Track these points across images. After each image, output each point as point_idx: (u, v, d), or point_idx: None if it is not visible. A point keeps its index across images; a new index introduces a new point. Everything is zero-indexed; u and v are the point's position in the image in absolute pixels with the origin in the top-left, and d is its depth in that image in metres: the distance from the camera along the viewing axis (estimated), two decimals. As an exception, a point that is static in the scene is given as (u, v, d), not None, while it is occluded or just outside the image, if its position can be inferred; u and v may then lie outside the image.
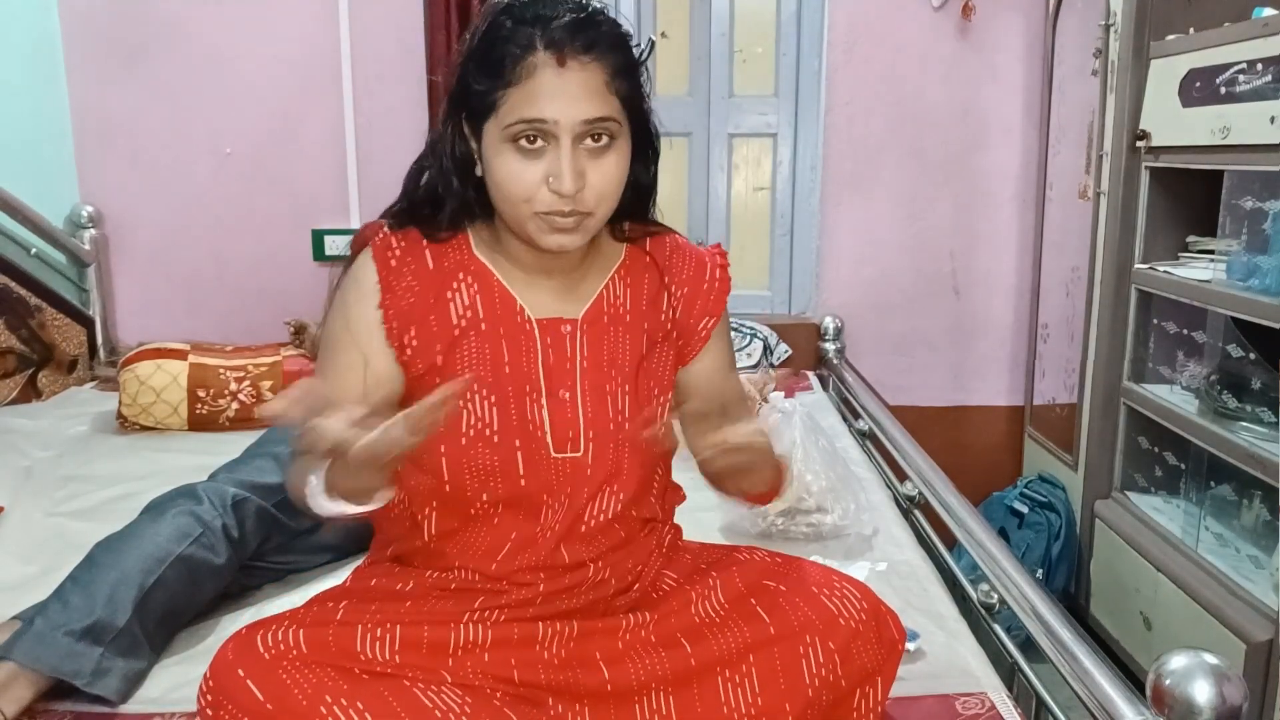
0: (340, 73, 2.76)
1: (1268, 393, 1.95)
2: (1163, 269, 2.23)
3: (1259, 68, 1.87)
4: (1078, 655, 1.20)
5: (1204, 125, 2.03)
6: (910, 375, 3.00)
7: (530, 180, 0.97)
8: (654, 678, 1.03)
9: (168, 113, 2.76)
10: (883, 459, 2.19)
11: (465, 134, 1.03)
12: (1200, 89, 2.05)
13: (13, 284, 2.52)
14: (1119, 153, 2.32)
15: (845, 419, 2.47)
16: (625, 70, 1.00)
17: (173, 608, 1.35)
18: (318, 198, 2.82)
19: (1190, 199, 2.26)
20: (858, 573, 1.48)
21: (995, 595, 1.48)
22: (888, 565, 1.61)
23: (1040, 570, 2.52)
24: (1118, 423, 2.42)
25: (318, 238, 2.82)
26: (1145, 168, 2.28)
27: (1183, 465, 2.28)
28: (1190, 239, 2.27)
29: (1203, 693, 0.97)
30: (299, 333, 2.51)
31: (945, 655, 1.36)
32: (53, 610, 1.25)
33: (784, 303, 3.06)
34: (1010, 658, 1.42)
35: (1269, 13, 1.90)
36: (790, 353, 2.82)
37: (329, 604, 1.06)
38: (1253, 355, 2.00)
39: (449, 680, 0.98)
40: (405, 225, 1.09)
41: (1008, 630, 1.47)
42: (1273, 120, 1.80)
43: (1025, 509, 2.64)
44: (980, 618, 1.51)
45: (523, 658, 1.02)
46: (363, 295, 1.06)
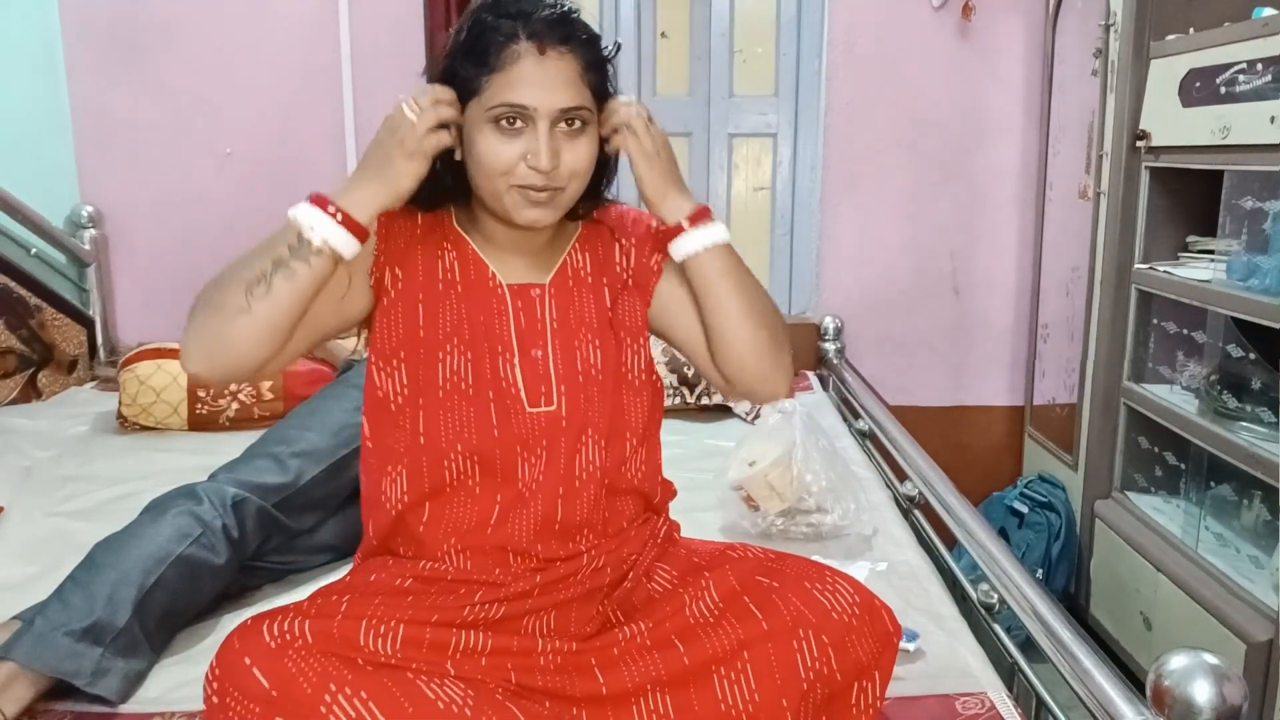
0: (340, 73, 2.76)
1: (1268, 393, 1.95)
2: (1163, 269, 2.23)
3: (1259, 68, 1.87)
4: (1078, 655, 1.20)
5: (1204, 125, 2.03)
6: (910, 375, 3.00)
7: (509, 157, 1.05)
8: (649, 679, 1.03)
9: (168, 113, 2.76)
10: (883, 459, 2.19)
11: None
12: (1200, 89, 2.05)
13: (13, 284, 2.52)
14: (1119, 153, 2.32)
15: (845, 419, 2.47)
16: (596, 65, 1.09)
17: (173, 608, 1.35)
18: (318, 198, 2.81)
19: (1190, 199, 2.26)
20: (858, 572, 1.48)
21: (995, 595, 1.48)
22: (888, 565, 1.61)
23: (1040, 570, 2.52)
24: (1118, 423, 2.42)
25: (318, 238, 2.82)
26: (1145, 168, 2.28)
27: (1183, 465, 2.28)
28: (1190, 239, 2.27)
29: (1203, 693, 0.97)
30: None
31: (945, 655, 1.36)
32: (53, 610, 1.25)
33: (784, 303, 3.06)
34: (1010, 658, 1.42)
35: (1269, 13, 1.90)
36: (790, 352, 2.81)
37: (333, 597, 1.06)
38: (1253, 355, 2.00)
39: (451, 673, 0.99)
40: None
41: (1008, 630, 1.47)
42: (1273, 120, 1.80)
43: (1025, 509, 2.64)
44: (980, 618, 1.51)
45: (520, 664, 1.03)
46: None
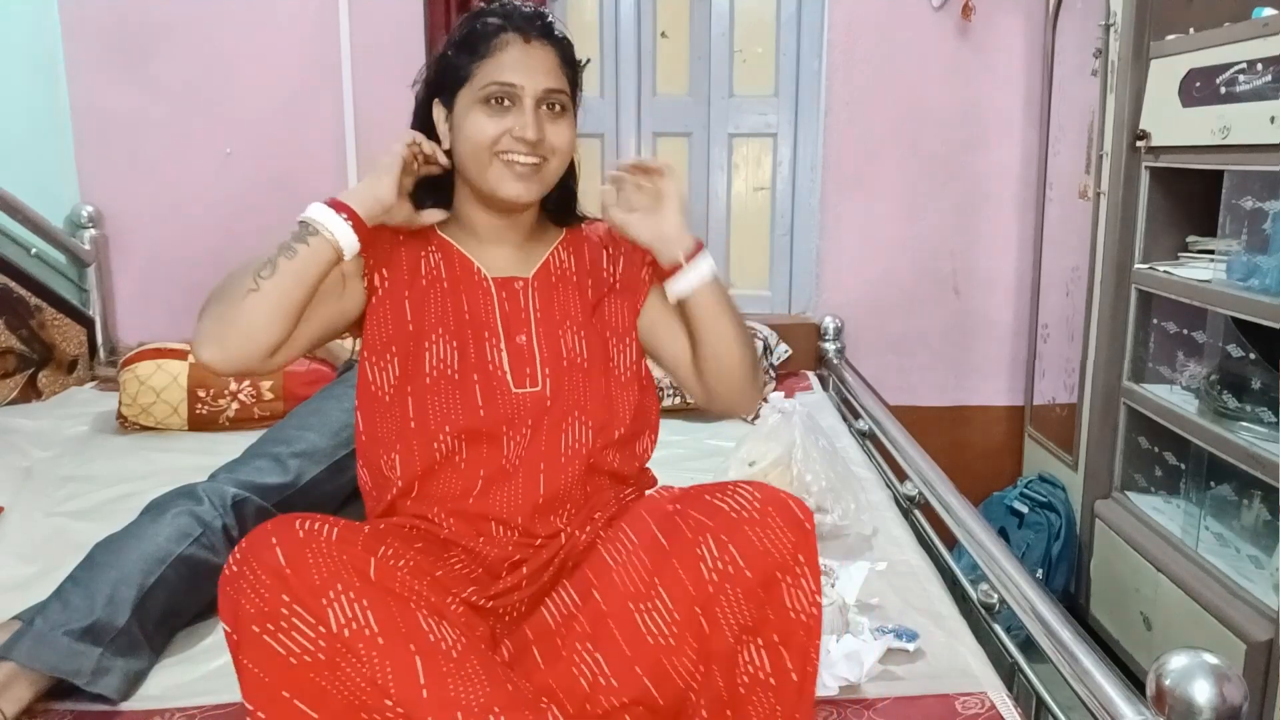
0: (340, 73, 2.76)
1: (1268, 393, 1.95)
2: (1163, 269, 2.23)
3: (1259, 68, 1.87)
4: (1078, 655, 1.20)
5: (1204, 125, 2.03)
6: (910, 375, 3.00)
7: (496, 131, 1.16)
8: (576, 636, 1.05)
9: (168, 113, 2.76)
10: (883, 459, 2.19)
11: (433, 116, 1.22)
12: (1200, 89, 2.05)
13: (13, 284, 2.52)
14: (1119, 153, 2.32)
15: (845, 419, 2.47)
16: (571, 63, 1.22)
17: (173, 608, 1.35)
18: (318, 198, 2.79)
19: (1190, 199, 2.26)
20: (858, 573, 1.47)
21: (995, 595, 1.48)
22: (888, 565, 1.61)
23: (1040, 570, 2.52)
24: (1118, 423, 2.42)
25: (318, 238, 2.82)
26: (1145, 168, 2.28)
27: (1183, 465, 2.28)
28: (1190, 239, 2.27)
29: (1203, 693, 0.97)
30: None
31: (945, 655, 1.36)
32: (53, 610, 1.25)
33: (784, 303, 3.06)
34: (1010, 658, 1.42)
35: (1269, 13, 1.90)
36: (790, 353, 2.82)
37: (358, 525, 1.09)
38: (1253, 355, 2.00)
39: (449, 614, 1.03)
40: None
41: (1008, 630, 1.47)
42: (1273, 120, 1.80)
43: (1025, 509, 2.64)
44: (980, 618, 1.51)
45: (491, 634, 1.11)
46: None
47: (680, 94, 2.98)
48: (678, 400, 2.45)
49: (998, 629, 1.48)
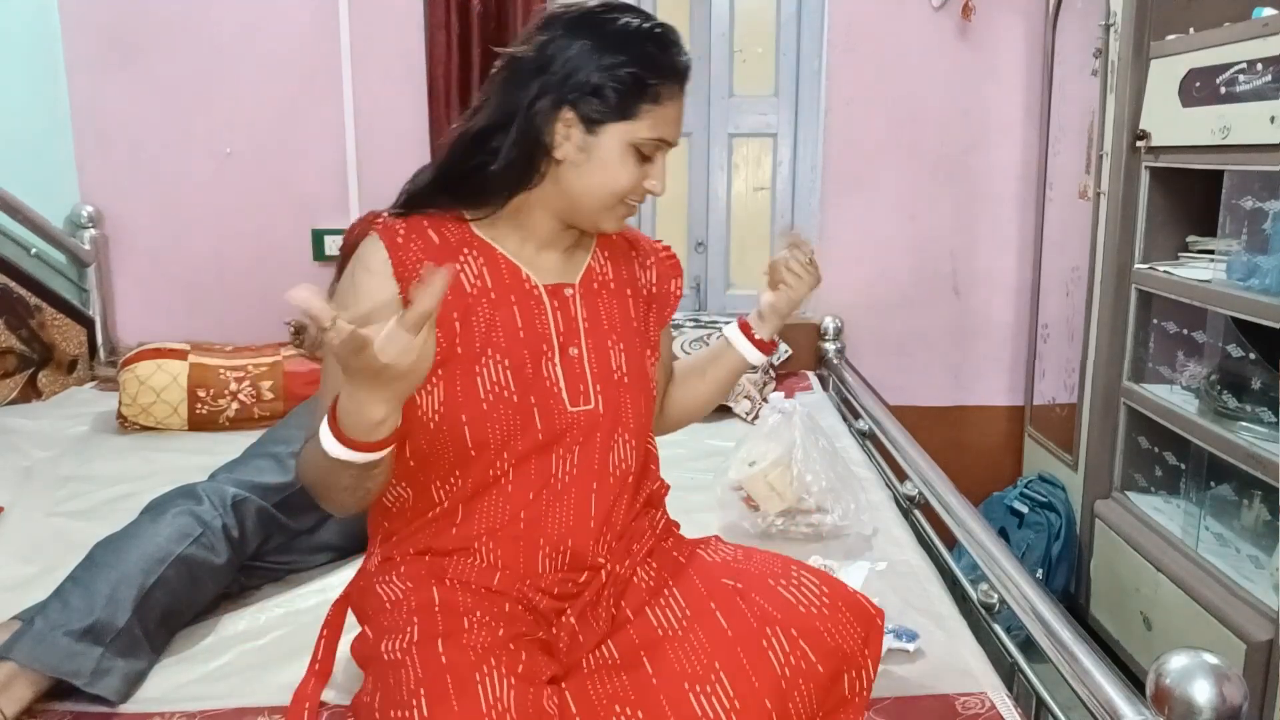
0: (340, 73, 2.76)
1: (1268, 393, 1.95)
2: (1163, 269, 2.23)
3: (1259, 68, 1.87)
4: (1078, 655, 1.20)
5: (1204, 125, 2.03)
6: (910, 375, 3.00)
7: (636, 181, 1.13)
8: (618, 699, 1.03)
9: (168, 113, 2.76)
10: (883, 459, 2.19)
11: (550, 118, 1.09)
12: (1200, 89, 2.05)
13: (13, 284, 2.52)
14: (1119, 153, 2.32)
15: (845, 419, 2.47)
16: None
17: (173, 608, 1.35)
18: (318, 198, 2.82)
19: (1190, 199, 2.26)
20: (858, 572, 1.48)
21: (995, 595, 1.48)
22: (888, 565, 1.61)
23: (1040, 570, 2.52)
24: (1118, 423, 2.42)
25: (318, 238, 2.82)
26: (1145, 168, 2.28)
27: (1183, 465, 2.28)
28: (1190, 239, 2.27)
29: (1203, 693, 0.97)
30: (299, 333, 2.51)
31: (945, 655, 1.36)
32: (53, 610, 1.25)
33: (784, 303, 3.05)
34: (1010, 658, 1.42)
35: (1269, 13, 1.90)
36: (790, 353, 2.82)
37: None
38: (1253, 355, 2.00)
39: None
40: (426, 200, 1.15)
41: (1008, 630, 1.47)
42: (1273, 120, 1.80)
43: (1025, 509, 2.64)
44: (980, 618, 1.51)
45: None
46: (372, 274, 1.10)
47: (680, 94, 2.97)
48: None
49: (998, 629, 1.48)
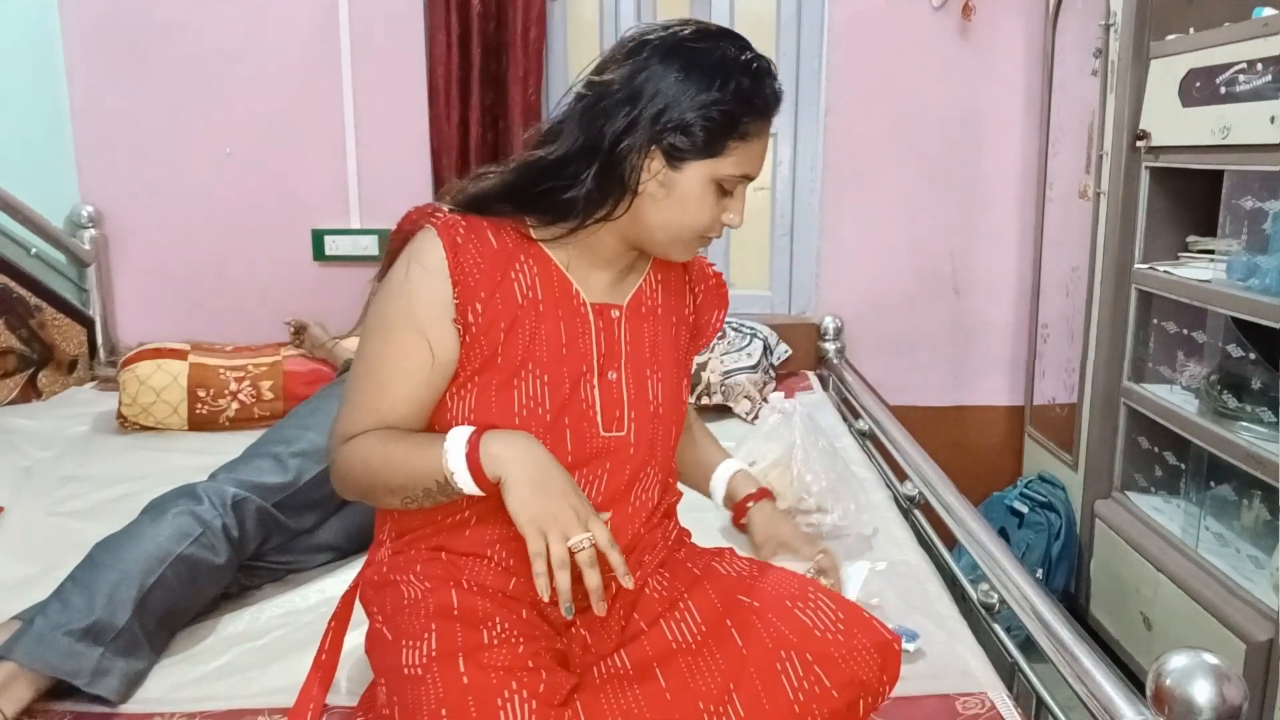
0: (340, 73, 2.76)
1: (1268, 393, 1.95)
2: (1163, 269, 2.23)
3: (1259, 68, 1.87)
4: (1078, 655, 1.20)
5: (1204, 125, 2.03)
6: (910, 375, 3.00)
7: (717, 215, 1.10)
8: (630, 715, 1.03)
9: (168, 112, 2.76)
10: (883, 459, 2.19)
11: (638, 154, 1.05)
12: (1200, 89, 2.05)
13: (13, 284, 2.52)
14: (1119, 152, 2.32)
15: (845, 419, 2.47)
16: None
17: (173, 608, 1.35)
18: (318, 198, 2.82)
19: (1190, 199, 2.26)
20: (858, 572, 1.47)
21: (995, 595, 1.48)
22: (888, 565, 1.60)
23: (1040, 570, 2.52)
24: (1118, 423, 2.42)
25: (318, 238, 2.82)
26: (1145, 167, 2.28)
27: (1183, 465, 2.28)
28: (1190, 239, 2.27)
29: (1203, 693, 0.97)
30: (299, 333, 2.51)
31: (945, 655, 1.36)
32: (53, 610, 1.25)
33: (784, 303, 3.06)
34: (1010, 658, 1.42)
35: (1269, 13, 1.90)
36: (790, 353, 2.82)
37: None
38: (1253, 355, 2.00)
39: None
40: (486, 204, 1.12)
41: (1008, 630, 1.47)
42: (1273, 120, 1.80)
43: (1025, 509, 2.64)
44: (980, 618, 1.51)
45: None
46: (428, 272, 1.07)
47: (680, 94, 2.97)
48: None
49: (998, 629, 1.48)
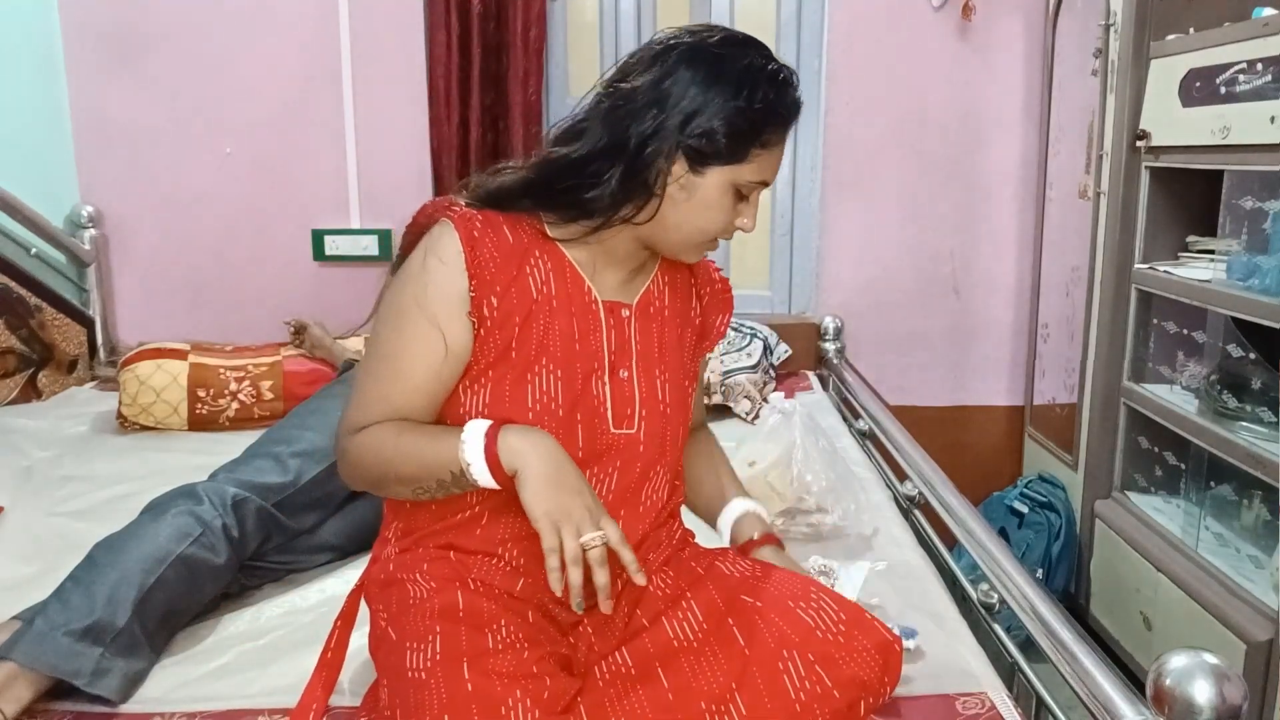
0: (340, 73, 2.76)
1: (1268, 393, 1.95)
2: (1163, 269, 2.23)
3: (1259, 68, 1.87)
4: (1078, 655, 1.20)
5: (1204, 125, 2.03)
6: (910, 375, 3.00)
7: (730, 219, 1.12)
8: (633, 717, 1.03)
9: (168, 113, 2.76)
10: (883, 459, 2.19)
11: (664, 160, 1.06)
12: (1200, 89, 2.05)
13: (13, 284, 2.52)
14: (1119, 152, 2.32)
15: (845, 419, 2.47)
16: None
17: (173, 608, 1.34)
18: (318, 198, 2.82)
19: (1190, 199, 2.26)
20: (858, 572, 1.47)
21: (995, 595, 1.48)
22: (887, 565, 1.60)
23: (1040, 570, 2.52)
24: (1118, 423, 2.42)
25: (318, 238, 2.82)
26: (1145, 168, 2.28)
27: (1183, 465, 2.28)
28: (1190, 239, 2.27)
29: (1203, 693, 0.97)
30: (299, 332, 2.51)
31: (945, 655, 1.36)
32: (53, 610, 1.25)
33: (784, 303, 3.06)
34: (1010, 658, 1.42)
35: (1269, 13, 1.90)
36: (790, 353, 2.82)
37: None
38: (1253, 355, 2.00)
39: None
40: (503, 199, 1.12)
41: (1008, 630, 1.47)
42: (1273, 120, 1.80)
43: (1025, 509, 2.64)
44: (980, 618, 1.51)
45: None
46: (445, 265, 1.07)
47: (680, 94, 2.97)
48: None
49: (998, 629, 1.48)
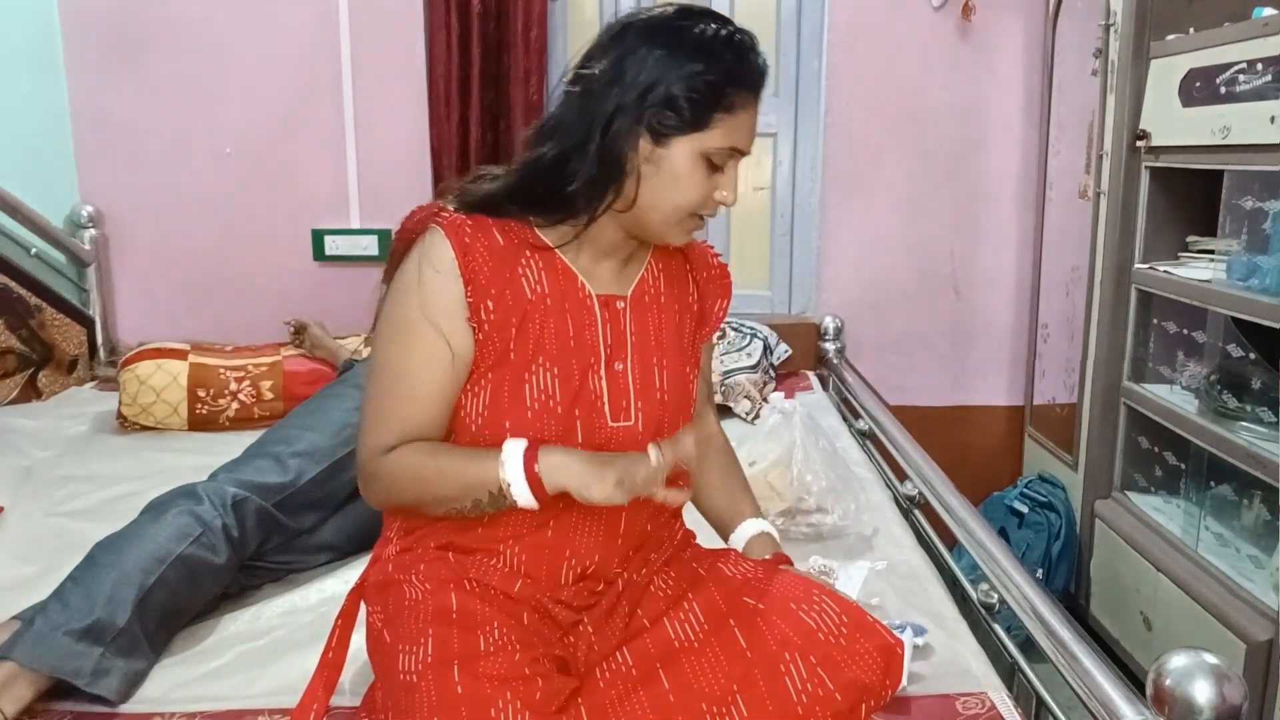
0: (340, 73, 2.76)
1: (1268, 393, 1.95)
2: (1163, 269, 2.23)
3: (1259, 68, 1.87)
4: (1078, 655, 1.20)
5: (1204, 125, 2.02)
6: (910, 375, 3.00)
7: (707, 191, 1.09)
8: (633, 714, 1.03)
9: (168, 113, 2.76)
10: (883, 459, 2.19)
11: (630, 139, 1.05)
12: (1200, 89, 2.05)
13: (13, 284, 2.52)
14: (1119, 153, 2.32)
15: (845, 419, 2.47)
16: None
17: (173, 608, 1.35)
18: (318, 198, 2.82)
19: (1190, 199, 2.26)
20: (858, 573, 1.47)
21: (995, 595, 1.48)
22: (888, 565, 1.61)
23: (1040, 570, 2.52)
24: (1118, 423, 2.42)
25: (318, 238, 2.82)
26: (1145, 168, 2.28)
27: (1183, 465, 2.28)
28: (1190, 239, 2.27)
29: (1203, 693, 0.97)
30: (299, 332, 2.51)
31: (945, 655, 1.36)
32: (53, 610, 1.25)
33: (784, 303, 3.06)
34: (1010, 658, 1.42)
35: (1269, 13, 1.90)
36: (790, 353, 2.82)
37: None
38: (1253, 355, 2.00)
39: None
40: (491, 206, 1.12)
41: (1008, 630, 1.47)
42: (1273, 120, 1.80)
43: (1025, 509, 2.64)
44: (980, 618, 1.51)
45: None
46: (440, 273, 1.07)
47: (680, 94, 2.97)
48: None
49: (998, 629, 1.48)
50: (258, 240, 2.83)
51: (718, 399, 2.49)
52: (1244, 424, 2.00)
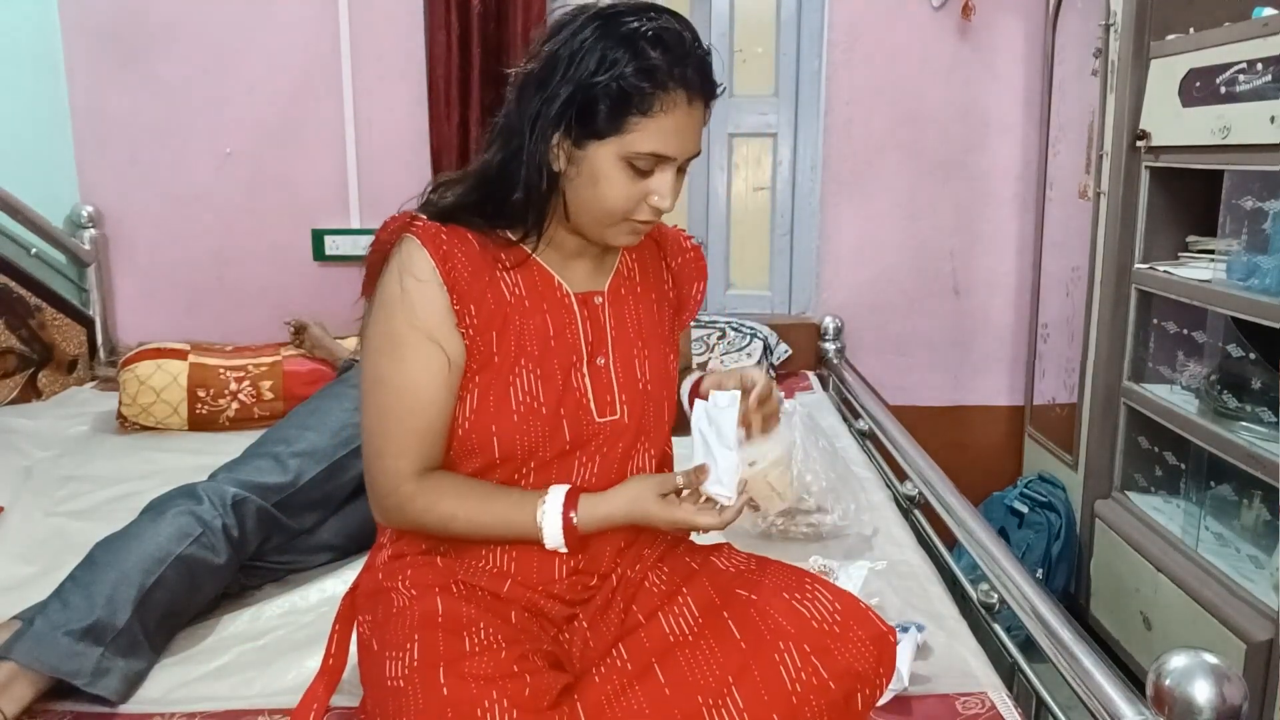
0: (340, 73, 2.76)
1: (1268, 393, 1.95)
2: (1163, 269, 2.23)
3: (1259, 68, 1.87)
4: (1078, 655, 1.20)
5: (1204, 125, 2.03)
6: (910, 375, 3.00)
7: (635, 197, 1.05)
8: (632, 716, 1.02)
9: (168, 113, 2.76)
10: (883, 459, 2.19)
11: (550, 140, 1.04)
12: (1200, 89, 2.05)
13: (13, 284, 2.52)
14: (1119, 152, 2.32)
15: (845, 419, 2.47)
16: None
17: (173, 608, 1.35)
18: (318, 198, 2.82)
19: (1190, 199, 2.26)
20: (857, 572, 1.47)
21: (995, 595, 1.48)
22: (888, 565, 1.61)
23: (1040, 570, 2.52)
24: (1118, 423, 2.42)
25: (318, 238, 2.82)
26: (1145, 167, 2.28)
27: (1183, 465, 2.28)
28: (1190, 239, 2.27)
29: (1203, 693, 0.97)
30: (299, 332, 2.51)
31: (945, 655, 1.36)
32: (53, 610, 1.25)
33: (784, 303, 3.06)
34: (1010, 658, 1.42)
35: (1269, 13, 1.90)
36: (790, 353, 2.82)
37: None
38: (1253, 355, 2.00)
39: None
40: (458, 218, 1.11)
41: (1008, 630, 1.47)
42: (1273, 120, 1.80)
43: (1025, 509, 2.64)
44: (980, 618, 1.51)
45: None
46: (423, 282, 1.07)
47: (680, 94, 2.97)
48: (678, 400, 2.45)
49: (998, 629, 1.48)
50: (258, 240, 2.83)
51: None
52: (1244, 424, 2.00)
